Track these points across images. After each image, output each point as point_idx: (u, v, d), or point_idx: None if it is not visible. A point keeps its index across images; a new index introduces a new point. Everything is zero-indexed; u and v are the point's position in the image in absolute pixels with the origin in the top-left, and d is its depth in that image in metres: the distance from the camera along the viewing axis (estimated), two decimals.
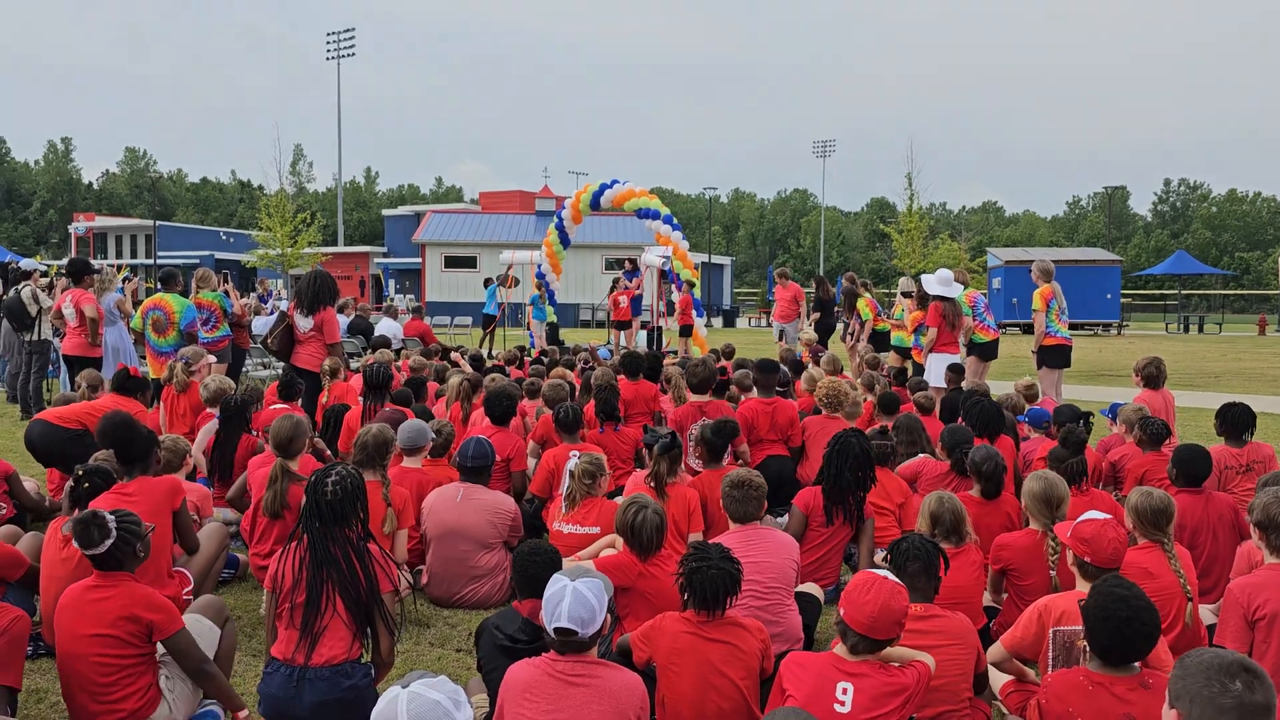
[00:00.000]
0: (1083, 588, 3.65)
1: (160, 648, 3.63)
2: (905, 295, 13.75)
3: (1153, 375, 7.92)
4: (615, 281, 20.19)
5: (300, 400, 7.95)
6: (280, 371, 9.18)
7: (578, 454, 5.47)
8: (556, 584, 3.06)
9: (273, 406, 6.86)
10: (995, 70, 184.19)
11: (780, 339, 15.86)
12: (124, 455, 4.72)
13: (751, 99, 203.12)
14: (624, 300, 19.55)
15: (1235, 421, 6.07)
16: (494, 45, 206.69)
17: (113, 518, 3.60)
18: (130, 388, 7.00)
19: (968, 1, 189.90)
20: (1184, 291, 48.47)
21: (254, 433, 6.67)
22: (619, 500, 4.77)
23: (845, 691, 3.06)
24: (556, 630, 3.01)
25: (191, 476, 5.99)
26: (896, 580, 3.17)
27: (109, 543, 3.55)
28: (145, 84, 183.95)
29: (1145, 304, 55.43)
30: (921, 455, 6.55)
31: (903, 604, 3.12)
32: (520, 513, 5.61)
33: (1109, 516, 3.82)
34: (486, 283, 22.15)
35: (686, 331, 18.01)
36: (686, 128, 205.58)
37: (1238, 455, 5.99)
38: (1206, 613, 4.57)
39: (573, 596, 2.99)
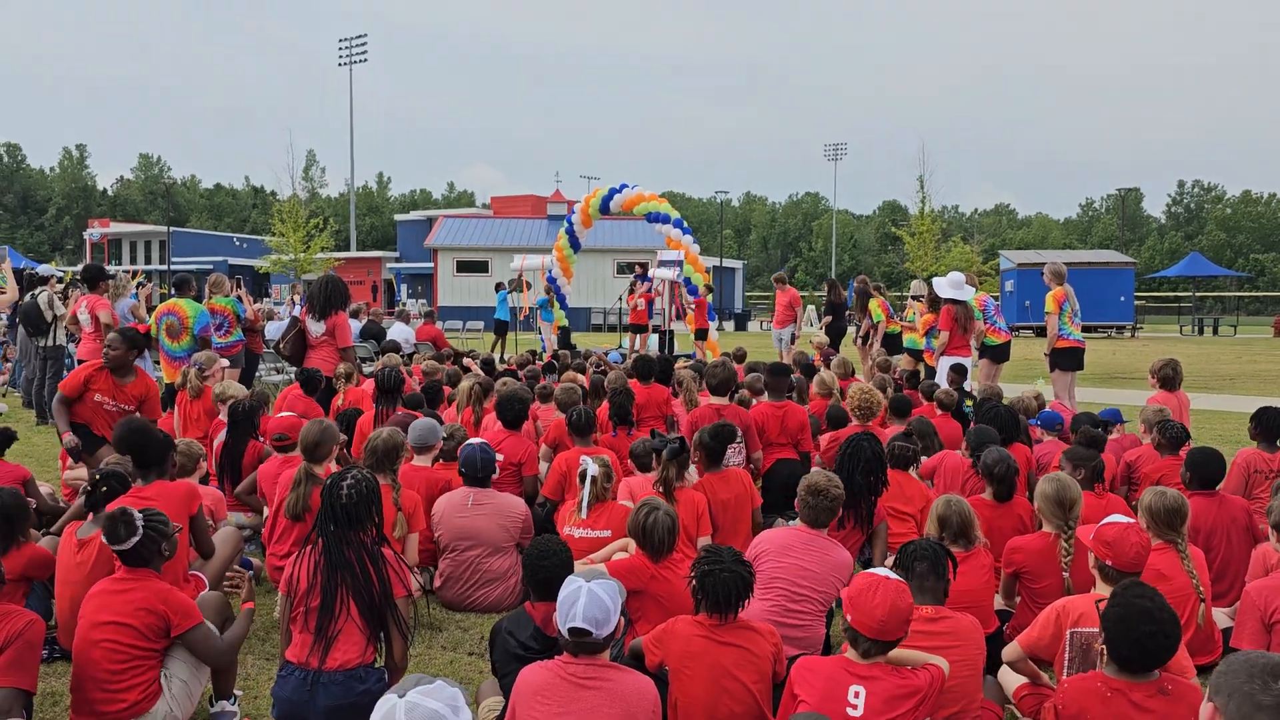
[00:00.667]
0: (1102, 590, 3.63)
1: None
2: (916, 298, 13.72)
3: (1168, 377, 7.87)
4: (632, 285, 20.22)
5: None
6: (293, 376, 9.22)
7: (590, 458, 5.46)
8: (571, 585, 3.06)
9: (281, 414, 6.85)
10: (1006, 72, 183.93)
11: (791, 344, 15.81)
12: (140, 460, 4.75)
13: (763, 102, 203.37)
14: (642, 303, 19.58)
15: (1270, 425, 5.92)
16: (504, 49, 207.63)
17: (140, 516, 3.66)
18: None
19: (978, 4, 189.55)
20: (1198, 293, 48.17)
21: (260, 439, 6.68)
22: (629, 504, 4.77)
23: (857, 695, 3.05)
24: (570, 630, 3.01)
25: (205, 480, 6.01)
26: (897, 578, 3.17)
27: (135, 539, 3.61)
28: (159, 91, 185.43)
29: (1159, 306, 55.15)
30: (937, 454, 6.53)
31: (909, 601, 3.12)
32: (531, 514, 5.61)
33: (1133, 520, 3.79)
34: (498, 287, 22.19)
35: (702, 335, 18.00)
36: (697, 131, 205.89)
37: (1269, 460, 5.84)
38: (1221, 616, 4.55)
39: (588, 597, 2.99)
